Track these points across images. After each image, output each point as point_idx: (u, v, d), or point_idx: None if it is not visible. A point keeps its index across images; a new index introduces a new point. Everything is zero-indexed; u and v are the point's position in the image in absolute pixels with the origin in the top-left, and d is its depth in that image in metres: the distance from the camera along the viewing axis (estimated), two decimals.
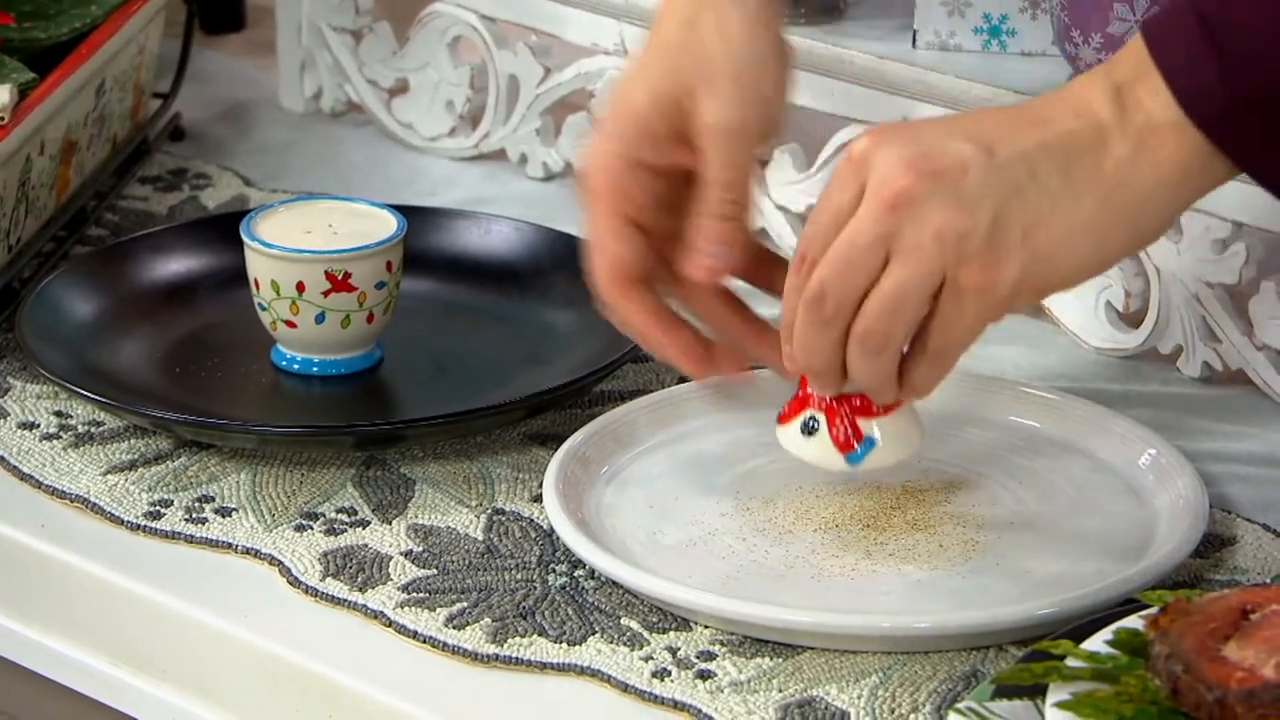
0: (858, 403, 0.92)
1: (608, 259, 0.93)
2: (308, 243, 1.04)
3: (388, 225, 1.05)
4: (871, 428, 0.93)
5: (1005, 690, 0.83)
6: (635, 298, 0.93)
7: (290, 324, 1.04)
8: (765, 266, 0.96)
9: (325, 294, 1.03)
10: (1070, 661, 0.82)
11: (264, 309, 1.04)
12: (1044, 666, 0.81)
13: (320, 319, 1.03)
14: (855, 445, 0.92)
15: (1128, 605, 0.88)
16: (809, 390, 0.93)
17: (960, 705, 0.83)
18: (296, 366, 1.05)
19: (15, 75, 1.13)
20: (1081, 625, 0.86)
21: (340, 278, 1.02)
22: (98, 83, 1.18)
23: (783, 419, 0.94)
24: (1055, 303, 1.11)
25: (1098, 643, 0.83)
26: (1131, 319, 1.10)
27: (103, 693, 0.97)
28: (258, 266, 1.04)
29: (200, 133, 1.29)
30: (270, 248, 1.03)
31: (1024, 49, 1.12)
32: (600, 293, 0.94)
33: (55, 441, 1.03)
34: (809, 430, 0.93)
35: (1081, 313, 1.10)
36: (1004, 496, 0.98)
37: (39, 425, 1.04)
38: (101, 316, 1.09)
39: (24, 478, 1.01)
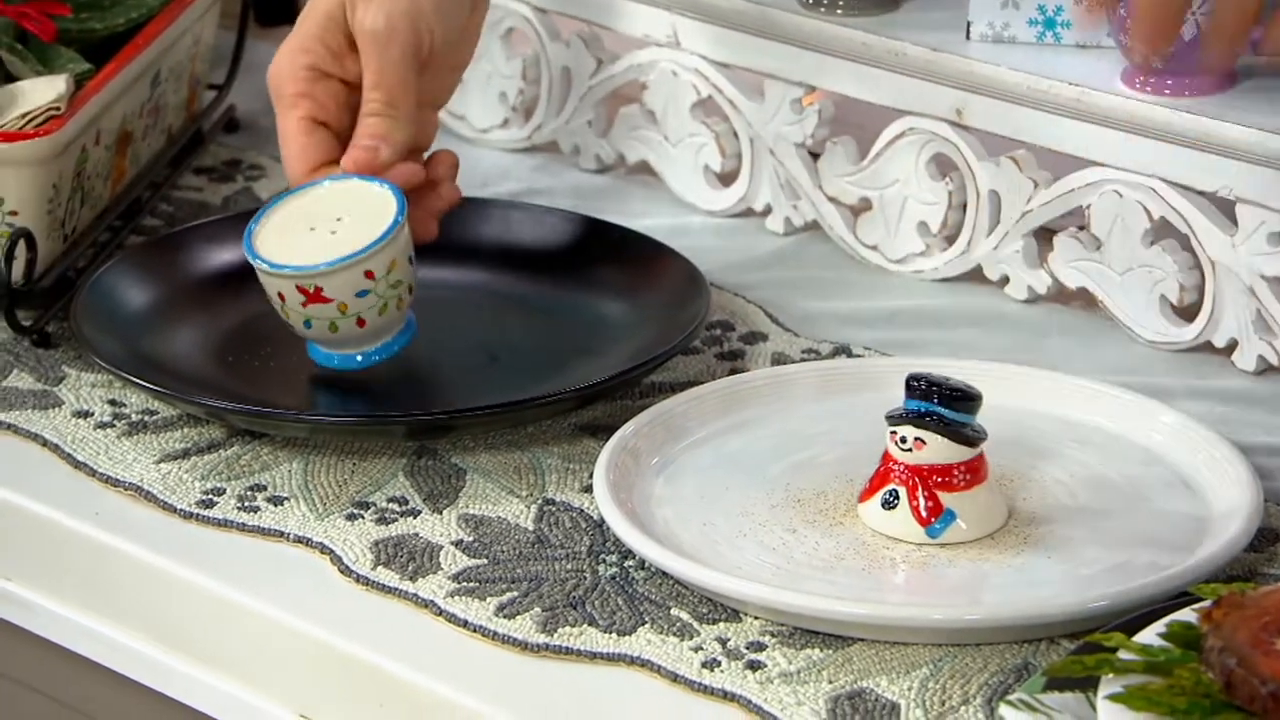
0: (938, 478, 0.93)
1: (297, 151, 1.05)
2: (300, 245, 1.01)
3: (382, 223, 1.01)
4: (951, 502, 0.93)
5: (1057, 682, 0.82)
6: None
7: (290, 325, 1.03)
8: (428, 163, 1.06)
9: (304, 304, 1.02)
10: (1122, 654, 0.81)
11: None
12: (1096, 659, 0.81)
13: (308, 324, 1.02)
14: (934, 519, 0.93)
15: (1181, 598, 0.87)
16: (889, 465, 0.94)
17: (1011, 697, 0.82)
18: (319, 359, 1.04)
19: (71, 66, 1.14)
20: (1134, 618, 0.85)
21: (312, 291, 1.01)
22: (153, 74, 1.19)
23: (863, 496, 0.95)
24: (1109, 295, 1.11)
25: (1150, 635, 0.82)
26: (1186, 312, 1.10)
27: (154, 679, 0.97)
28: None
29: (254, 124, 1.30)
30: (255, 259, 1.01)
31: (1079, 41, 1.12)
32: (294, 180, 1.06)
33: (109, 430, 1.04)
34: (889, 504, 0.94)
35: (1135, 306, 1.10)
36: (1056, 489, 0.98)
37: (94, 414, 1.05)
38: (156, 306, 1.10)
39: (78, 466, 1.02)
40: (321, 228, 1.02)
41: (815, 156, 1.18)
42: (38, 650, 1.02)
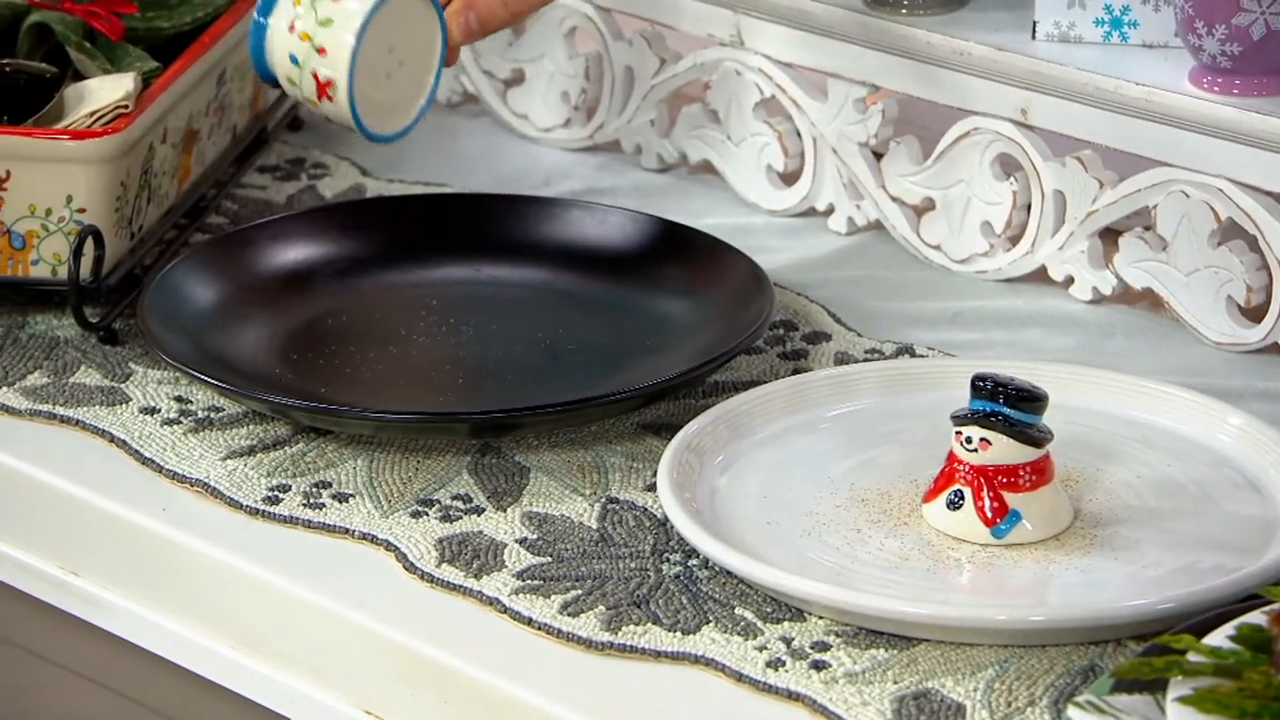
0: (1004, 479, 0.93)
1: None
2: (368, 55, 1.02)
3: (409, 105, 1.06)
4: (1017, 502, 0.93)
5: (1124, 684, 0.82)
6: None
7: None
8: None
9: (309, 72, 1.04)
10: (1192, 656, 0.81)
11: None
12: (1165, 660, 0.81)
13: (294, 60, 1.05)
14: (1000, 519, 0.93)
15: (1250, 601, 0.87)
16: (955, 465, 0.94)
17: (1080, 699, 0.82)
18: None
19: (139, 64, 1.15)
20: (1203, 620, 0.85)
21: (323, 81, 1.03)
22: (219, 72, 1.19)
23: (928, 497, 0.95)
24: (1175, 296, 1.10)
25: (1220, 638, 0.82)
26: (1253, 314, 1.09)
27: (220, 674, 0.98)
28: None
29: (318, 123, 1.30)
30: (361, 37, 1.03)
31: (1146, 40, 1.11)
32: None
33: (176, 426, 1.04)
34: (954, 505, 0.94)
35: (1202, 307, 1.09)
36: (1123, 491, 0.97)
37: (160, 410, 1.06)
38: (221, 303, 1.10)
39: (145, 462, 1.02)
40: (395, 54, 1.04)
41: (879, 156, 1.18)
42: (104, 645, 1.03)
